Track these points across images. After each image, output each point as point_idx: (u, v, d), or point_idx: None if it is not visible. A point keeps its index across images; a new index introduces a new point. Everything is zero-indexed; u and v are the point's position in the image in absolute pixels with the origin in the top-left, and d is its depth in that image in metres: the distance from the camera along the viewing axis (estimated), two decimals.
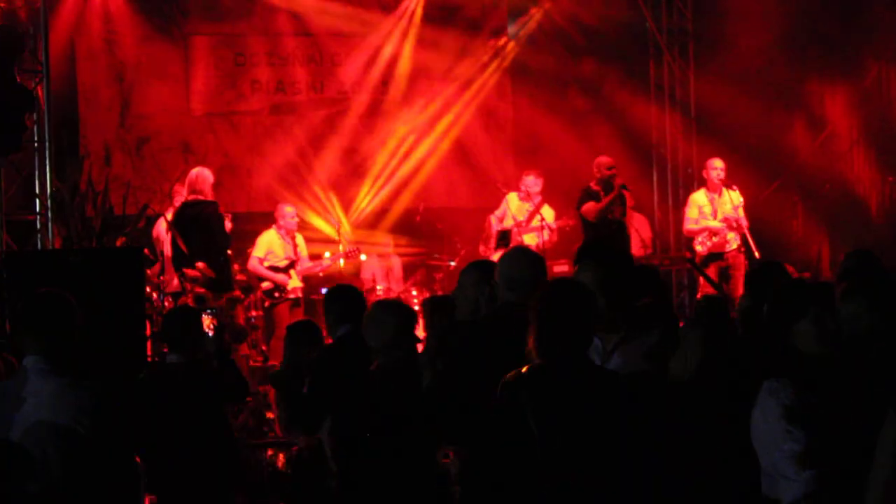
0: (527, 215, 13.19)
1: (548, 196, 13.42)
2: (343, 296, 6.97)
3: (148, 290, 10.57)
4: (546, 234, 12.92)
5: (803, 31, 14.70)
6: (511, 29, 16.14)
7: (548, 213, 13.27)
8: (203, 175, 11.59)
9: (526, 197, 13.29)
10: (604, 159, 12.63)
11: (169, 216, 11.69)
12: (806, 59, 14.98)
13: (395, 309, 6.22)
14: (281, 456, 9.09)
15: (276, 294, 12.80)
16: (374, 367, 6.02)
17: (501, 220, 13.34)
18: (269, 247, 13.02)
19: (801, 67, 14.95)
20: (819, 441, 4.00)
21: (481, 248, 13.36)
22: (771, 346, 4.34)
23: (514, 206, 13.31)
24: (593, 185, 12.47)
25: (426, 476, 5.86)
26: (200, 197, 11.43)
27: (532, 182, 13.28)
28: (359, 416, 5.96)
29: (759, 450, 4.18)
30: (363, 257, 14.05)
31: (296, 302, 13.00)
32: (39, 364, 4.66)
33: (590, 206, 12.32)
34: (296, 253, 13.19)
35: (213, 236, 11.30)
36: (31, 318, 4.76)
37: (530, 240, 13.06)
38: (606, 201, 12.25)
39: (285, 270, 12.98)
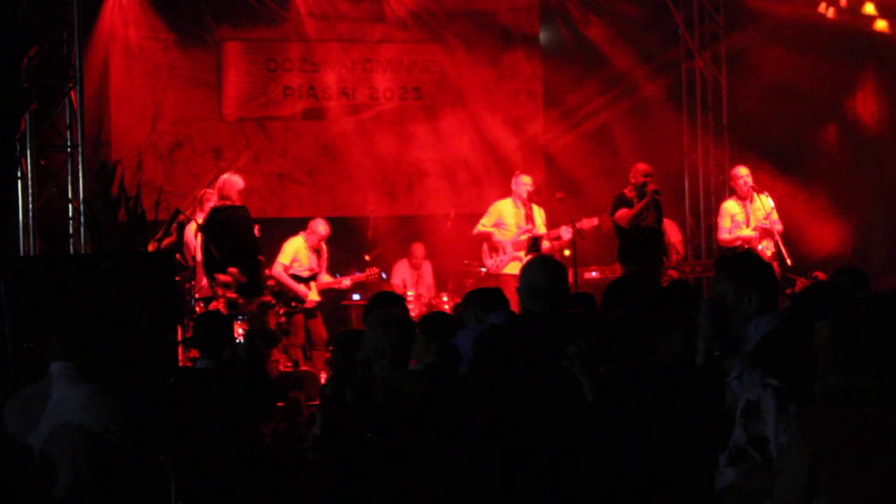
0: (540, 229, 13.03)
1: (576, 203, 13.37)
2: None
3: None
4: (565, 234, 12.83)
5: (834, 34, 14.62)
6: (542, 36, 16.13)
7: (539, 214, 13.19)
8: (231, 181, 11.64)
9: (521, 199, 13.15)
10: (641, 166, 12.50)
11: (200, 221, 11.75)
12: (838, 62, 14.88)
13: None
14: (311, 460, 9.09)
15: (294, 304, 12.81)
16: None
17: (499, 227, 13.13)
18: (295, 255, 13.04)
19: (833, 71, 14.86)
20: None
21: (488, 263, 13.14)
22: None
23: (509, 213, 13.17)
24: (627, 192, 12.33)
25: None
26: (228, 202, 11.48)
27: (528, 182, 13.19)
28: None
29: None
30: (384, 276, 14.04)
31: (311, 313, 13.02)
32: (66, 370, 4.67)
33: (622, 213, 12.22)
34: (319, 265, 13.21)
35: (243, 241, 11.34)
36: (59, 324, 4.78)
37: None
38: (638, 207, 12.14)
39: (306, 281, 12.99)
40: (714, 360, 4.59)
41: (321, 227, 13.20)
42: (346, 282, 13.53)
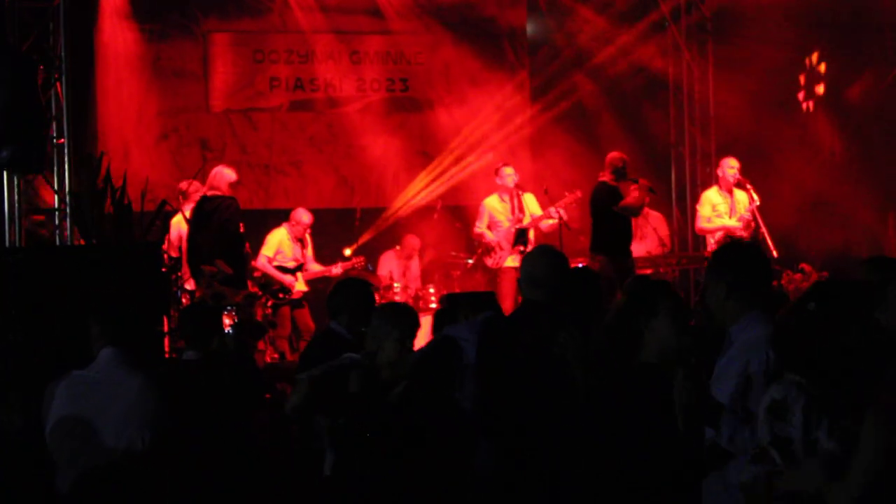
0: (528, 216, 13.01)
1: (563, 194, 13.38)
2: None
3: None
4: (555, 214, 12.77)
5: (821, 25, 14.63)
6: (529, 28, 16.13)
7: (530, 200, 13.18)
8: (221, 173, 11.69)
9: (507, 191, 13.15)
10: (617, 153, 12.36)
11: (187, 213, 11.76)
12: (825, 53, 14.91)
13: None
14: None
15: (281, 295, 12.82)
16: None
17: (492, 228, 13.15)
18: (279, 246, 13.06)
19: (820, 62, 14.89)
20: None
21: (489, 262, 13.19)
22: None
23: (498, 210, 13.14)
24: (610, 182, 12.21)
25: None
26: (218, 193, 11.50)
27: (511, 173, 13.17)
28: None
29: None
30: (370, 268, 14.04)
31: (298, 303, 13.02)
32: (119, 357, 4.70)
33: (630, 200, 11.99)
34: (304, 255, 13.21)
35: (229, 232, 11.36)
36: (112, 310, 4.80)
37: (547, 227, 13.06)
38: (642, 197, 11.99)
39: (293, 272, 12.99)
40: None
41: (304, 216, 13.20)
42: (337, 269, 13.52)
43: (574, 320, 5.17)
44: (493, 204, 13.13)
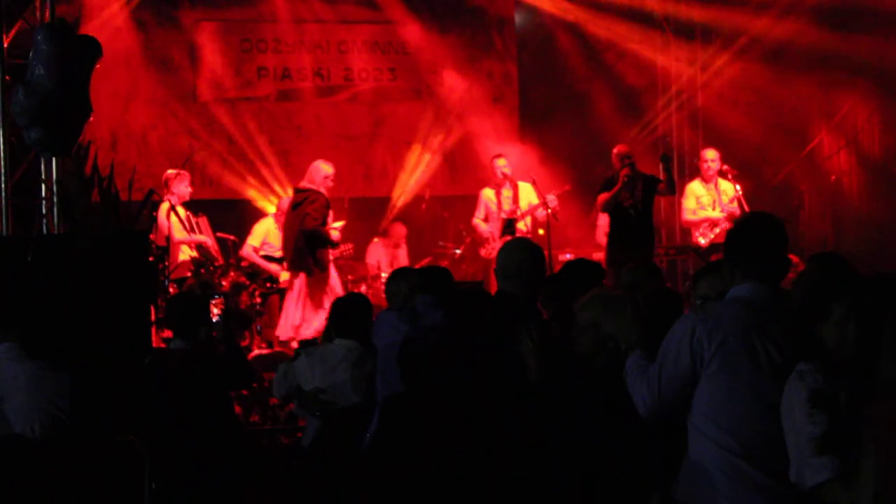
0: (521, 206, 13.02)
1: (556, 183, 13.40)
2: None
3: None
4: (552, 202, 12.73)
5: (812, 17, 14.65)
6: (518, 17, 16.12)
7: (527, 189, 13.15)
8: (318, 167, 12.14)
9: (501, 181, 13.15)
10: (619, 149, 12.30)
11: (174, 201, 11.82)
12: (814, 47, 14.92)
13: None
14: (286, 441, 9.09)
15: (268, 284, 12.82)
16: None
17: (487, 219, 13.18)
18: (265, 236, 13.07)
19: (809, 55, 14.89)
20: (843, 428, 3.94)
21: (482, 252, 13.23)
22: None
23: (492, 201, 13.12)
24: (609, 174, 12.17)
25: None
26: (311, 186, 11.95)
27: (503, 164, 13.15)
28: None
29: (786, 434, 4.15)
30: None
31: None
32: (13, 351, 4.68)
33: (601, 197, 11.99)
34: None
35: (307, 223, 11.87)
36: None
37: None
38: (612, 192, 11.89)
39: (280, 261, 12.99)
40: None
41: (285, 205, 13.21)
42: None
43: (537, 313, 5.23)
44: (489, 195, 13.16)
